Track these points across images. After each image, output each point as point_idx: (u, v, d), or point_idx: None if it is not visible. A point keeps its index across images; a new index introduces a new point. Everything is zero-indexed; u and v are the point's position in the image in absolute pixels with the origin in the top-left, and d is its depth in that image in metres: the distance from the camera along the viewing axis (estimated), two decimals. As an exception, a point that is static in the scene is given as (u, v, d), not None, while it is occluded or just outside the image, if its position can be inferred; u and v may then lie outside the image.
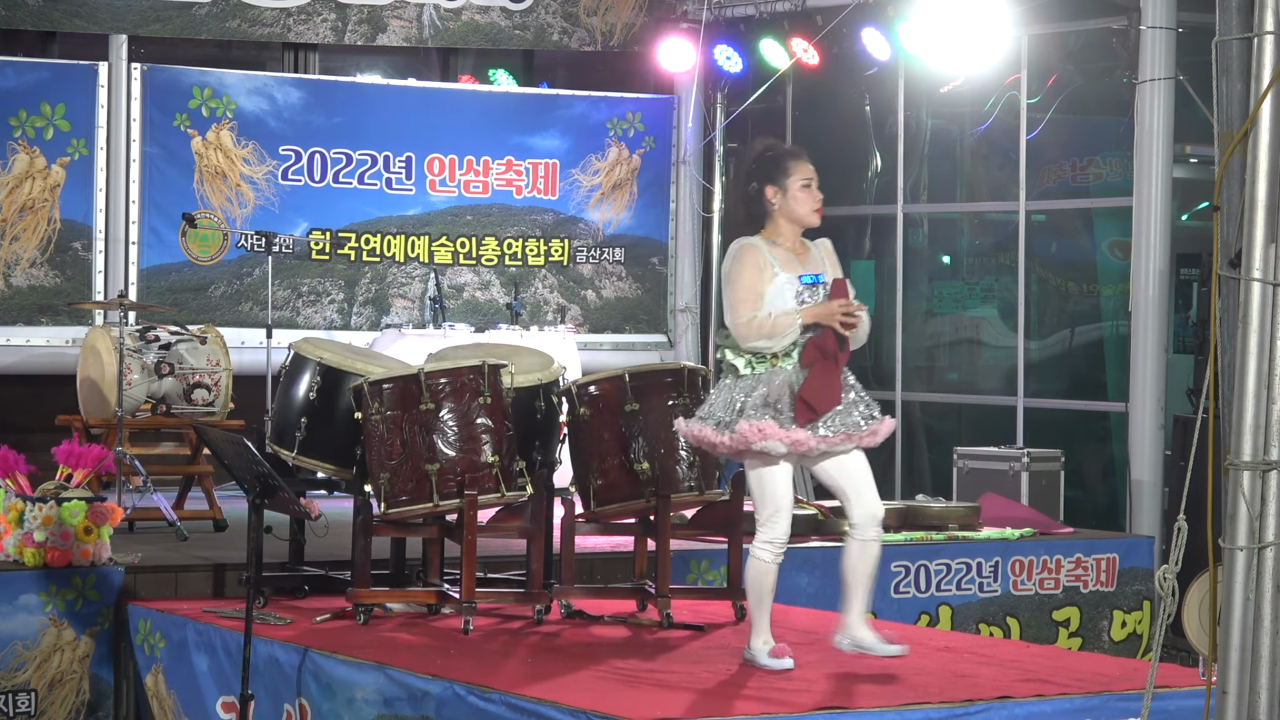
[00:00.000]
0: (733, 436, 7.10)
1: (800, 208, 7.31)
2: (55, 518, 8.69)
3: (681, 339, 15.02)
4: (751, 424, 7.05)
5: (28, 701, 8.58)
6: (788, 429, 7.07)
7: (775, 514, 7.17)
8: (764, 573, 7.19)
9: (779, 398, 7.11)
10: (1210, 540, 4.93)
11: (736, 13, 14.51)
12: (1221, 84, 5.06)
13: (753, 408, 7.09)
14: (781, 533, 7.17)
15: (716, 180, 15.11)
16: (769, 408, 7.09)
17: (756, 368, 7.14)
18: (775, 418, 7.08)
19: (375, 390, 8.24)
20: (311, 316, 13.87)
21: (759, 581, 7.21)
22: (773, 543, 7.17)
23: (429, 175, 14.22)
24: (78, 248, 13.26)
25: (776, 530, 7.17)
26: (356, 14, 14.09)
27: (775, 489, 7.18)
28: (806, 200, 7.32)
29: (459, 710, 6.87)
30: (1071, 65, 13.86)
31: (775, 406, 7.09)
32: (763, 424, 7.06)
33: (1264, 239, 4.85)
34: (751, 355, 7.15)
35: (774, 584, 7.23)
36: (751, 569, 7.24)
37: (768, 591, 7.21)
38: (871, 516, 7.26)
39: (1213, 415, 5.04)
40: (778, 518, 7.17)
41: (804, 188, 7.33)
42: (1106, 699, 6.94)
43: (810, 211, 7.35)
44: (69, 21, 13.33)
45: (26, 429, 11.05)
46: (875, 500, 7.30)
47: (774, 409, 7.09)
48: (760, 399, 7.10)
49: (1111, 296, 13.85)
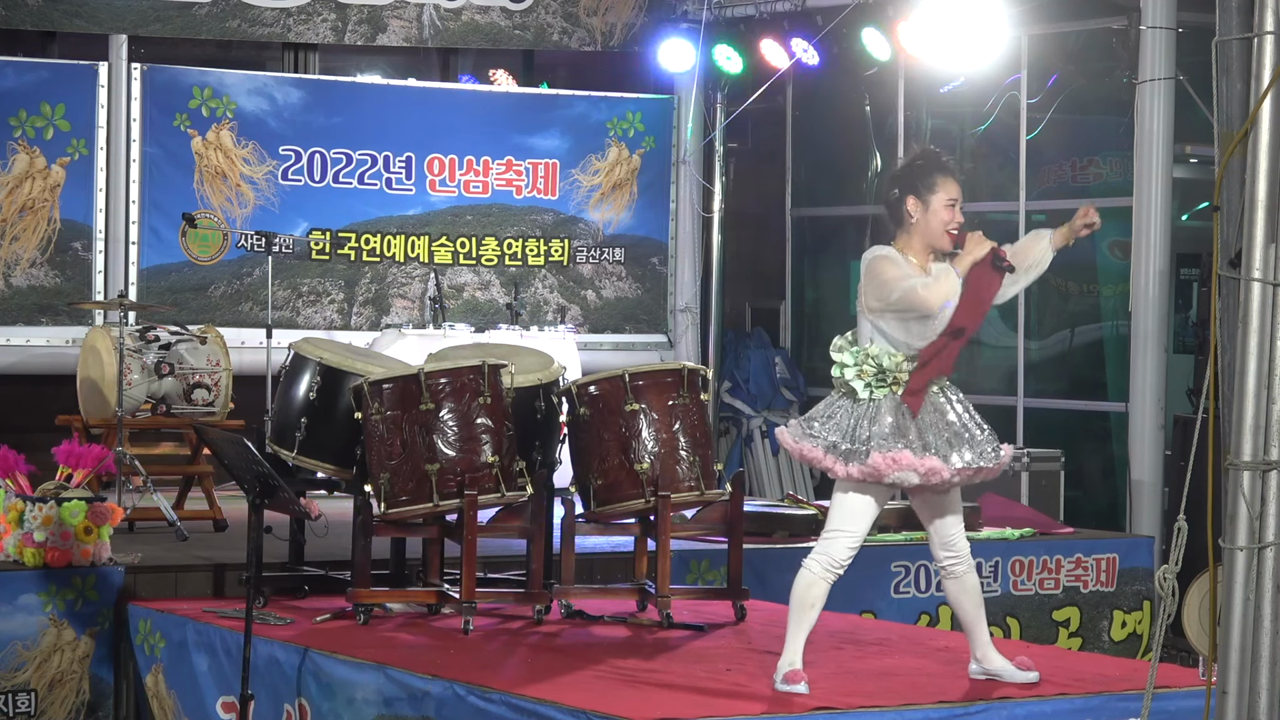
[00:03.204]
0: (862, 469, 6.74)
1: (938, 226, 6.85)
2: (55, 518, 8.69)
3: (681, 339, 15.01)
4: (886, 456, 6.70)
5: (28, 701, 8.58)
6: (921, 457, 6.73)
7: (839, 534, 6.87)
8: (808, 583, 6.86)
9: (907, 428, 6.76)
10: (1210, 540, 4.94)
11: (736, 13, 14.50)
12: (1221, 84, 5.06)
13: (881, 437, 6.74)
14: (838, 552, 6.84)
15: (716, 180, 15.10)
16: (901, 436, 6.75)
17: (876, 392, 6.79)
18: (908, 446, 6.74)
19: (375, 390, 8.24)
20: (311, 316, 13.87)
21: (802, 592, 6.88)
22: (825, 555, 6.84)
23: (429, 175, 14.22)
24: (78, 248, 13.25)
25: (832, 547, 6.86)
26: (356, 14, 14.09)
27: (853, 514, 6.86)
28: (947, 220, 6.87)
29: (459, 710, 6.87)
30: (1071, 65, 13.86)
31: (905, 437, 6.75)
32: (898, 454, 6.70)
33: (1264, 239, 4.85)
34: (873, 379, 6.78)
35: (817, 600, 6.87)
36: (798, 577, 6.91)
37: (807, 606, 6.86)
38: (957, 554, 7.01)
39: (1213, 415, 5.04)
40: (840, 538, 6.86)
41: (948, 206, 6.88)
42: (1106, 699, 6.94)
43: (943, 233, 6.85)
44: (69, 21, 13.33)
45: (26, 429, 11.04)
46: (963, 539, 7.03)
47: (904, 440, 6.75)
48: (891, 428, 6.76)
49: (1111, 296, 13.85)
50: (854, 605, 9.68)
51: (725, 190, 15.14)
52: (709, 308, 15.13)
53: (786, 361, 15.47)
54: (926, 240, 6.88)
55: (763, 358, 15.41)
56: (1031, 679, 7.07)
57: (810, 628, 6.94)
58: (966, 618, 7.12)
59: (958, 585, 7.08)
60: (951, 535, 7.03)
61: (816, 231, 15.92)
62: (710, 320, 15.12)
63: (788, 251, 15.78)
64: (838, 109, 15.31)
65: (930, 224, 6.87)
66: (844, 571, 6.91)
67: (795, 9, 14.14)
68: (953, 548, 7.04)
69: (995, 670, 7.11)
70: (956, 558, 7.04)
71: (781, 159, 15.66)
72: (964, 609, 7.11)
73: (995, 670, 7.11)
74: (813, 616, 6.92)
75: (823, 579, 6.87)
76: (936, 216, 6.87)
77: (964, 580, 7.07)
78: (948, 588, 7.12)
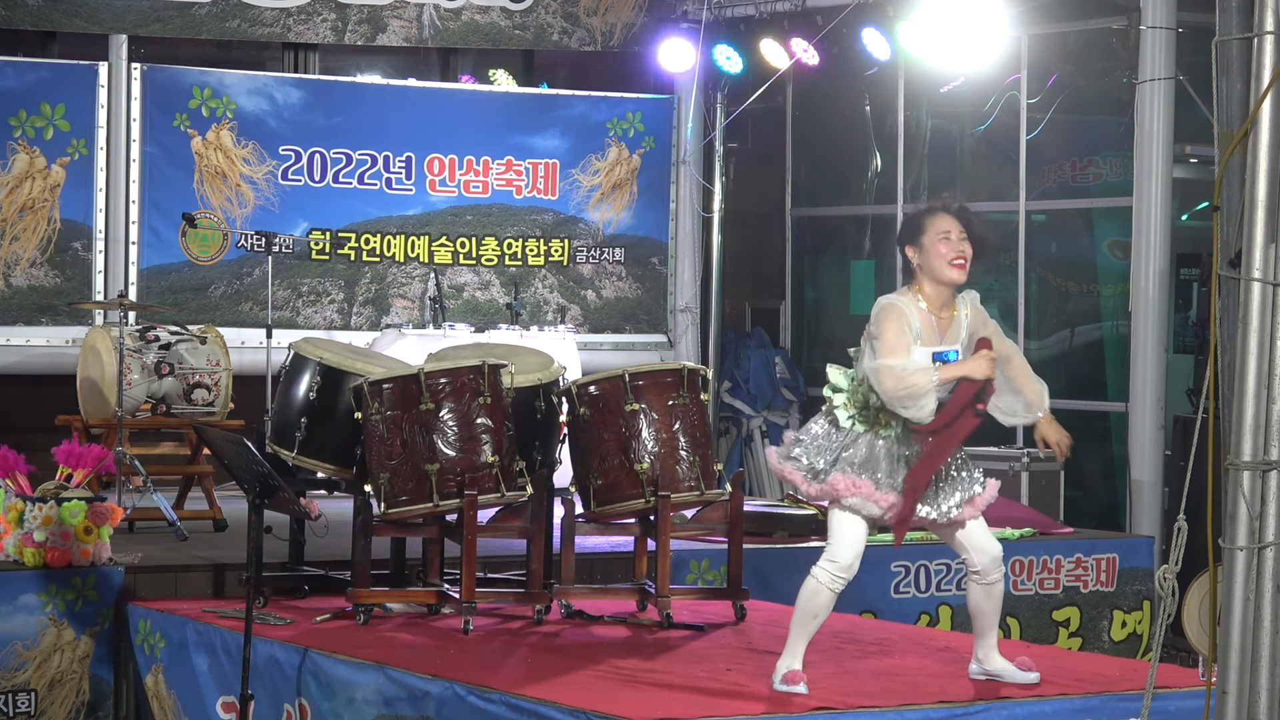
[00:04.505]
0: (822, 488, 6.86)
1: (936, 261, 6.88)
2: (55, 518, 8.69)
3: (681, 339, 15.02)
4: (847, 476, 6.81)
5: (28, 701, 8.58)
6: (884, 492, 6.82)
7: (843, 542, 6.90)
8: (814, 591, 6.89)
9: (876, 464, 6.84)
10: (1210, 540, 4.94)
11: (736, 13, 14.50)
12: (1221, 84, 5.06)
13: (849, 463, 6.83)
14: (844, 560, 6.86)
15: (716, 180, 15.11)
16: (865, 469, 6.84)
17: (857, 425, 6.88)
18: (871, 478, 6.83)
19: (375, 390, 8.24)
20: (311, 316, 13.87)
21: (808, 599, 6.91)
22: (832, 563, 6.87)
23: (429, 175, 14.22)
24: (78, 248, 13.25)
25: (838, 553, 6.89)
26: (356, 14, 14.09)
27: (849, 530, 6.90)
28: (944, 252, 6.88)
29: (459, 710, 6.87)
30: (1071, 65, 13.86)
31: (872, 471, 6.84)
32: (860, 482, 6.81)
33: (1264, 239, 4.85)
34: (857, 411, 6.87)
35: (821, 610, 6.91)
36: (805, 584, 6.94)
37: (812, 615, 6.90)
38: (994, 560, 7.01)
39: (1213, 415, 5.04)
40: (844, 546, 6.89)
41: (942, 240, 6.91)
42: (1106, 699, 6.94)
43: (947, 265, 6.87)
44: (69, 21, 13.33)
45: (26, 429, 11.04)
46: (993, 544, 7.03)
47: (870, 472, 6.83)
48: (860, 459, 6.85)
49: (1111, 296, 13.85)
50: (854, 605, 9.67)
51: (725, 190, 15.14)
52: (709, 308, 15.13)
53: (786, 361, 15.47)
54: (933, 278, 6.93)
55: (763, 358, 15.41)
56: (1032, 679, 7.07)
57: (812, 635, 6.98)
58: (983, 621, 7.12)
59: (984, 592, 7.07)
60: (984, 545, 7.04)
61: (816, 231, 15.92)
62: (710, 320, 15.13)
63: (788, 251, 15.78)
64: (838, 109, 15.31)
65: (930, 262, 6.92)
66: (851, 577, 6.93)
67: (795, 9, 14.14)
68: (988, 554, 7.03)
69: (996, 671, 7.11)
70: (993, 562, 7.04)
71: (781, 159, 15.66)
72: (984, 614, 7.10)
73: (996, 671, 7.11)
74: (815, 625, 6.95)
75: (829, 588, 6.89)
76: (933, 252, 6.92)
77: (992, 589, 7.07)
78: (972, 591, 7.10)
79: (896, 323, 6.84)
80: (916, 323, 6.87)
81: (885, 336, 6.83)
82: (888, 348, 6.80)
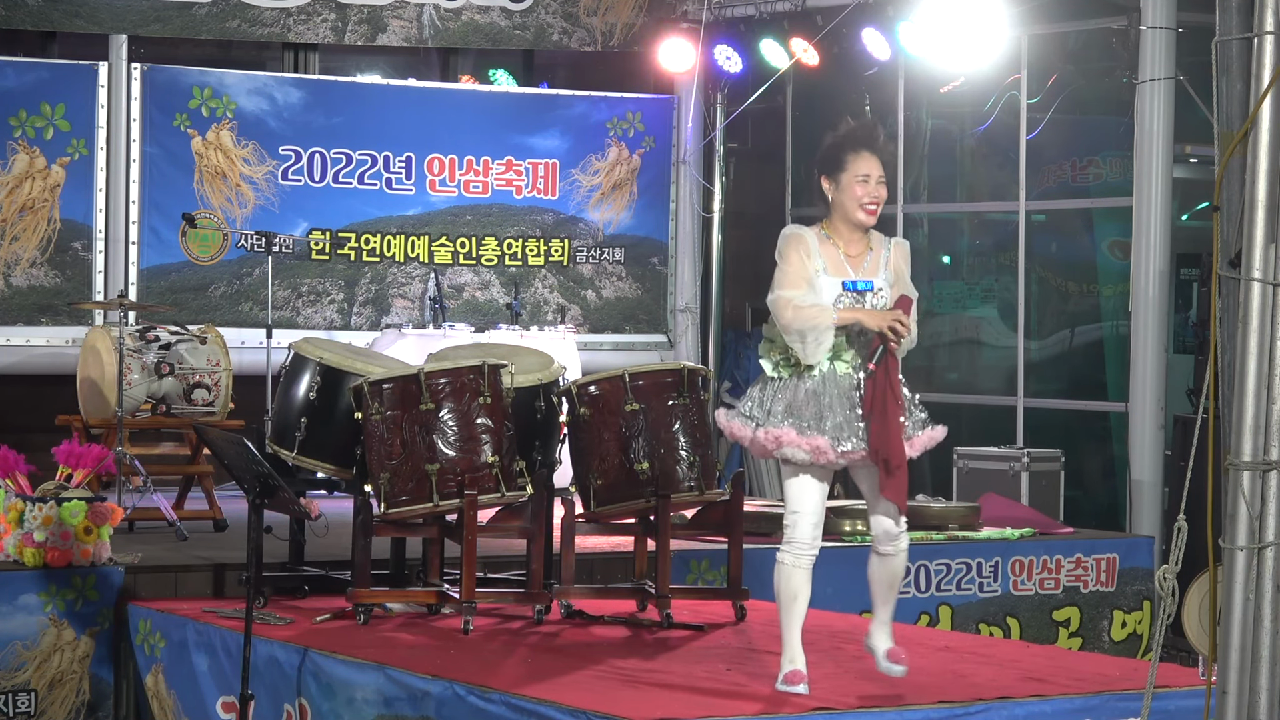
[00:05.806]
0: (752, 442, 6.88)
1: (849, 202, 6.87)
2: (55, 518, 8.69)
3: (681, 339, 15.02)
4: (769, 432, 6.80)
5: (28, 701, 8.58)
6: (806, 436, 6.78)
7: (795, 516, 6.89)
8: (784, 575, 6.89)
9: (802, 406, 6.82)
10: (1210, 540, 4.94)
11: (736, 13, 14.51)
12: (1221, 84, 5.06)
13: (774, 415, 6.83)
14: (800, 535, 6.86)
15: (716, 180, 15.11)
16: (790, 415, 6.80)
17: (782, 372, 6.88)
18: (795, 424, 6.79)
19: (375, 390, 8.24)
20: (311, 316, 13.87)
21: (782, 585, 6.90)
22: (790, 543, 6.87)
23: (429, 175, 14.22)
24: (78, 248, 13.26)
25: (794, 532, 6.88)
26: (356, 14, 14.09)
27: (798, 494, 6.89)
28: (859, 195, 6.86)
29: (459, 710, 6.87)
30: (1071, 65, 13.86)
31: (798, 414, 6.81)
32: (780, 431, 6.79)
33: (1264, 239, 4.85)
34: (780, 359, 6.89)
35: (798, 592, 6.88)
36: (775, 573, 6.94)
37: (790, 598, 6.88)
38: (886, 533, 7.00)
39: (1213, 415, 5.04)
40: (797, 520, 6.88)
41: (860, 181, 6.87)
42: (1106, 699, 6.94)
43: (859, 208, 6.85)
44: (69, 21, 13.33)
45: (26, 429, 11.04)
46: (892, 522, 7.00)
47: (795, 416, 6.80)
48: (783, 407, 6.83)
49: (1111, 296, 13.85)
50: (854, 605, 9.66)
51: (725, 190, 15.15)
52: (709, 308, 15.13)
53: (786, 361, 15.44)
54: (844, 217, 6.92)
55: (762, 358, 15.39)
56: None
57: (801, 619, 6.93)
58: (876, 595, 7.09)
59: (880, 562, 7.04)
60: (880, 514, 7.00)
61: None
62: (710, 320, 15.13)
63: (788, 252, 15.75)
64: (838, 109, 15.28)
65: (844, 201, 6.90)
66: (817, 551, 6.90)
67: (795, 9, 14.14)
68: (881, 525, 7.01)
69: (872, 648, 7.08)
70: (885, 535, 7.02)
71: (781, 159, 15.66)
72: (877, 584, 7.06)
73: (872, 648, 7.08)
74: (800, 608, 6.91)
75: (796, 566, 6.88)
76: (848, 193, 6.90)
77: (886, 561, 7.04)
78: (870, 561, 7.07)
79: (797, 253, 6.86)
80: (819, 257, 6.86)
81: (786, 267, 6.85)
82: (788, 279, 6.83)
